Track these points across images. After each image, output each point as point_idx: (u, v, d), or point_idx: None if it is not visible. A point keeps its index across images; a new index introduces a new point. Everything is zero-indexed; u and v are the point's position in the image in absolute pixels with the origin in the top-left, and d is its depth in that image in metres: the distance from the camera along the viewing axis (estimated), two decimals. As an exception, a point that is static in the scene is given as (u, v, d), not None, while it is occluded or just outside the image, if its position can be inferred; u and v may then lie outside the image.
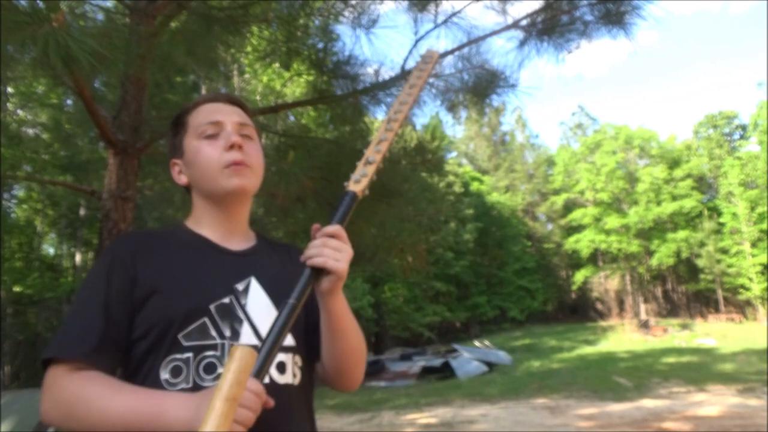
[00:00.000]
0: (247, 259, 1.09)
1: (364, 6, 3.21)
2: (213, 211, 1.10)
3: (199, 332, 0.96)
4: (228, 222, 1.11)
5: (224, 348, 0.96)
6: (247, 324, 0.99)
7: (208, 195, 1.09)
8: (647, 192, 35.67)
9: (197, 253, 1.06)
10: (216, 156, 1.06)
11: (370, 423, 9.41)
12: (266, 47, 3.47)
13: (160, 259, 1.02)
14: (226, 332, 0.97)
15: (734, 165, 33.75)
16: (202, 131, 1.09)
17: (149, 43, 2.45)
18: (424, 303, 30.55)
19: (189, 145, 1.10)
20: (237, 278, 1.04)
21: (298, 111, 3.92)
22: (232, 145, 1.06)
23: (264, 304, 1.03)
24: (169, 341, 0.95)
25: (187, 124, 1.12)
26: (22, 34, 1.56)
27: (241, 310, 1.00)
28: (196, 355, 0.94)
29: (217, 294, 1.00)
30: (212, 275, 1.03)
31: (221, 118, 1.10)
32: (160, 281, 0.98)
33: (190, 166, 1.10)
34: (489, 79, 3.21)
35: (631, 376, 12.82)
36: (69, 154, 12.65)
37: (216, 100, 1.15)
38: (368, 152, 1.05)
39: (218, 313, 0.98)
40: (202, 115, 1.11)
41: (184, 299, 0.97)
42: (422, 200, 3.56)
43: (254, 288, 1.04)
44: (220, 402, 0.76)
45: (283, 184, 2.63)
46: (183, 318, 0.95)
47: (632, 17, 3.03)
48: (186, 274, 1.01)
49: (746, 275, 31.78)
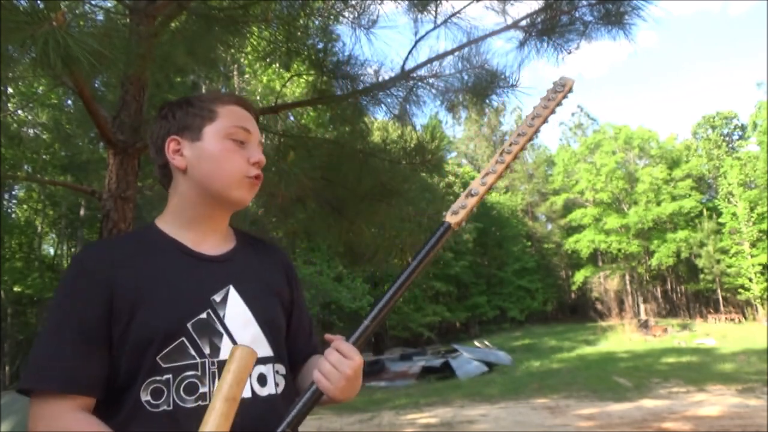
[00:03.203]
0: (225, 265, 1.05)
1: (364, 6, 3.21)
2: (201, 208, 1.06)
3: (177, 353, 0.93)
4: (212, 222, 1.08)
5: (204, 366, 0.94)
6: (227, 337, 0.97)
7: (210, 193, 1.04)
8: (647, 192, 35.68)
9: (171, 263, 1.01)
10: (243, 166, 1.05)
11: (370, 423, 9.41)
12: (266, 47, 3.47)
13: (135, 275, 0.97)
14: (206, 350, 0.95)
15: (734, 165, 33.75)
16: (233, 133, 1.06)
17: (149, 43, 2.45)
18: (424, 303, 30.54)
19: (212, 137, 1.05)
20: (214, 288, 1.00)
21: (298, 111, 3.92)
22: (256, 162, 1.06)
23: (243, 314, 1.01)
24: (148, 364, 0.92)
25: (216, 113, 1.07)
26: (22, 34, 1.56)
27: (220, 323, 0.97)
28: (175, 376, 0.92)
29: (193, 310, 0.96)
30: (188, 288, 0.99)
31: (252, 130, 1.09)
32: (135, 301, 0.94)
33: (207, 158, 1.04)
34: (489, 80, 3.20)
35: (631, 376, 12.82)
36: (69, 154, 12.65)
37: (247, 108, 1.12)
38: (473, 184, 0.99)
39: (196, 331, 0.95)
40: (235, 116, 1.08)
41: (161, 320, 0.93)
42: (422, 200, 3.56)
43: (232, 297, 1.01)
44: (220, 402, 0.76)
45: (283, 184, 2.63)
46: (160, 340, 0.92)
47: (632, 18, 3.03)
48: (161, 292, 0.96)
49: (746, 275, 31.78)
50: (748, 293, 31.77)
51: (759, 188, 32.29)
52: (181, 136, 1.06)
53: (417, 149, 3.36)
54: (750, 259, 31.64)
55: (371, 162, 3.29)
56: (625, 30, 3.06)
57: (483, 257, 36.73)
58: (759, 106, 34.81)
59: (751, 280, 31.44)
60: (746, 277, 31.80)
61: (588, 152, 39.42)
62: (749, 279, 31.60)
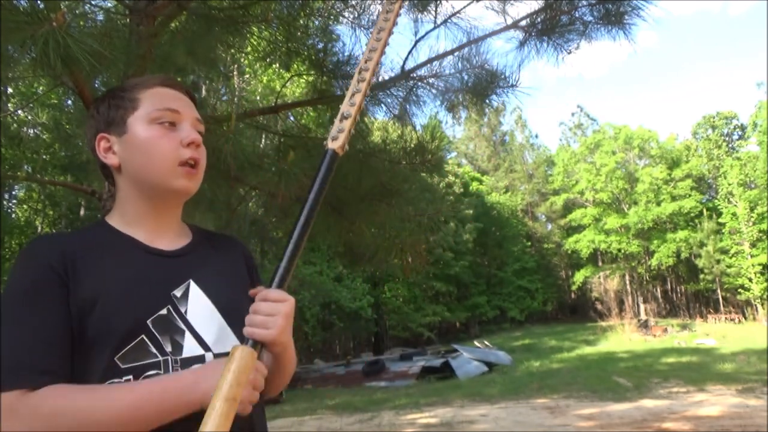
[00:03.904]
0: (183, 260, 1.00)
1: (364, 6, 3.21)
2: (146, 205, 0.99)
3: (137, 352, 0.87)
4: (161, 217, 1.01)
5: (167, 364, 0.88)
6: (189, 333, 0.92)
7: (148, 187, 0.98)
8: (647, 192, 35.68)
9: (128, 260, 0.95)
10: (173, 150, 0.96)
11: (370, 423, 9.41)
12: (266, 47, 3.47)
13: (91, 270, 0.90)
14: (167, 347, 0.89)
15: (734, 165, 33.75)
16: (158, 117, 0.97)
17: (149, 43, 2.45)
18: (423, 303, 30.56)
19: (137, 126, 0.97)
20: (173, 284, 0.95)
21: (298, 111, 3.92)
22: (190, 143, 0.98)
23: (206, 309, 0.96)
24: (104, 365, 0.85)
25: (137, 101, 0.99)
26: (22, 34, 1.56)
27: (181, 319, 0.92)
28: (136, 377, 0.86)
29: (153, 306, 0.91)
30: (146, 284, 0.93)
31: (181, 109, 1.00)
32: (91, 297, 0.87)
33: (135, 150, 0.97)
34: (489, 80, 3.21)
35: (631, 376, 12.82)
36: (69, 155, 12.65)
37: (173, 87, 1.03)
38: (343, 107, 0.99)
39: (156, 328, 0.89)
40: (159, 98, 1.00)
41: (119, 318, 0.87)
42: (422, 200, 3.56)
43: (194, 292, 0.96)
44: (220, 402, 0.76)
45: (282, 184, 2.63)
46: (119, 339, 0.86)
47: (632, 18, 3.03)
48: (118, 288, 0.90)
49: (746, 275, 31.78)
50: (748, 293, 31.76)
51: (759, 188, 32.28)
52: (109, 132, 1.00)
53: (417, 149, 3.36)
54: (750, 259, 31.64)
55: (371, 162, 3.29)
56: (625, 30, 3.06)
57: (483, 257, 36.74)
58: (759, 106, 34.81)
59: (751, 280, 31.43)
60: (746, 277, 31.79)
61: (588, 152, 39.42)
62: (749, 279, 31.59)
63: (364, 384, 15.79)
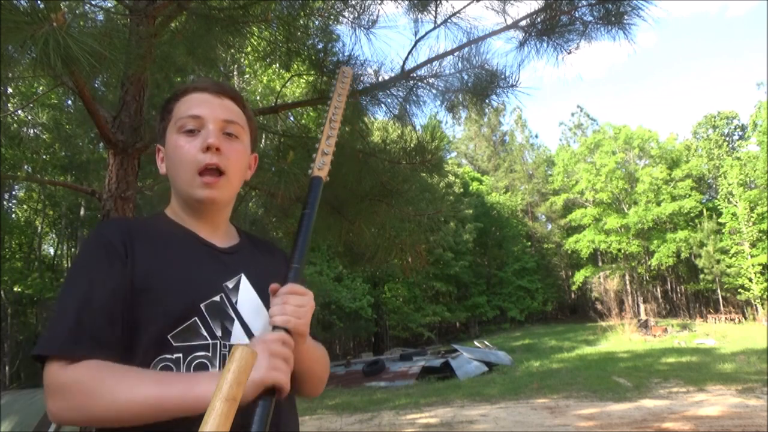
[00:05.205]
0: (234, 256, 1.06)
1: (364, 6, 3.21)
2: (188, 210, 1.06)
3: (189, 332, 0.92)
4: (205, 223, 1.06)
5: (216, 348, 0.93)
6: (238, 322, 0.97)
7: (183, 197, 1.04)
8: (647, 192, 35.69)
9: (186, 248, 1.01)
10: (191, 156, 1.00)
11: (370, 423, 9.41)
12: (266, 47, 3.47)
13: (151, 251, 0.96)
14: (218, 332, 0.94)
15: (734, 165, 33.75)
16: (182, 125, 1.02)
17: (149, 43, 2.45)
18: (423, 303, 30.58)
19: (169, 137, 1.04)
20: (226, 275, 1.01)
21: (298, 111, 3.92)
22: (208, 147, 0.99)
23: (254, 302, 1.01)
24: (159, 341, 0.91)
25: (171, 112, 1.05)
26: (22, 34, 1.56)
27: (232, 308, 0.98)
28: (186, 355, 0.91)
29: (207, 292, 0.96)
30: (202, 272, 0.99)
31: (203, 113, 1.02)
32: (151, 277, 0.93)
33: (168, 161, 1.05)
34: (489, 80, 3.21)
35: (631, 376, 12.81)
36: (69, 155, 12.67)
37: (204, 90, 1.05)
38: (322, 146, 1.16)
39: (209, 312, 0.95)
40: (186, 106, 1.04)
41: (175, 298, 0.93)
42: (422, 200, 3.56)
43: (244, 285, 1.02)
44: (220, 402, 0.76)
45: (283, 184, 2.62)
46: (174, 318, 0.92)
47: (632, 18, 3.03)
48: (176, 271, 0.97)
49: (746, 275, 31.78)
50: (748, 293, 31.76)
51: (759, 188, 32.29)
52: (161, 144, 1.08)
53: (417, 149, 3.36)
54: (750, 259, 31.64)
55: (371, 162, 3.29)
56: (624, 30, 3.05)
57: (483, 257, 36.76)
58: (759, 106, 34.80)
59: (751, 280, 31.44)
60: (746, 277, 31.79)
61: (588, 152, 39.42)
62: (749, 279, 31.60)
63: (364, 384, 15.79)
